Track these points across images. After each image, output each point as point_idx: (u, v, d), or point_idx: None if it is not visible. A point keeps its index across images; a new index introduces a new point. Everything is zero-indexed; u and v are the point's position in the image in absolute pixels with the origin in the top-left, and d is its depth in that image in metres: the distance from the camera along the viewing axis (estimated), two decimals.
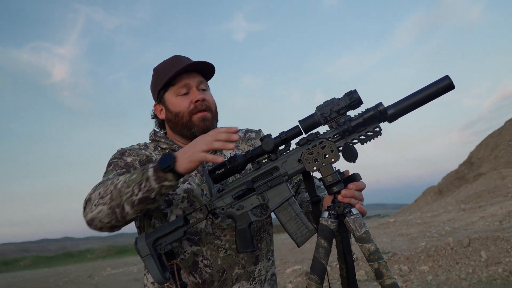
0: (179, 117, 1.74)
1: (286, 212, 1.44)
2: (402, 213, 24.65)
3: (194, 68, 1.76)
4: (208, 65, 1.76)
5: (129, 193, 1.42)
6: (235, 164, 1.45)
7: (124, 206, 1.43)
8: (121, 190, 1.43)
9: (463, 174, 29.12)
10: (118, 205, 1.43)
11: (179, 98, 1.74)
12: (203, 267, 1.63)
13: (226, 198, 1.49)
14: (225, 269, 1.64)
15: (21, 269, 36.99)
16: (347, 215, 1.36)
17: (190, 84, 1.74)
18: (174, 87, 1.75)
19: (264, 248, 1.76)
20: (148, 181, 1.40)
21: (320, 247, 1.35)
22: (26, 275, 23.74)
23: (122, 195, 1.42)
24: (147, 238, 1.49)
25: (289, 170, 1.44)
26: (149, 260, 1.48)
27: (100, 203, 1.45)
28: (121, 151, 1.76)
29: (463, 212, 14.75)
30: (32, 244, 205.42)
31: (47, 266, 35.90)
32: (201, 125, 1.73)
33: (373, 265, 1.32)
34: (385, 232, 13.66)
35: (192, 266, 1.63)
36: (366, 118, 1.35)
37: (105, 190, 1.46)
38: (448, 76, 1.32)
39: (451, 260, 7.63)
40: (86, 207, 1.50)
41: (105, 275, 16.35)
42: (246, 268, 1.68)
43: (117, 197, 1.43)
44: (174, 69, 1.72)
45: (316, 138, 1.41)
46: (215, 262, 1.63)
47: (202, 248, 1.64)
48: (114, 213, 1.44)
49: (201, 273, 1.63)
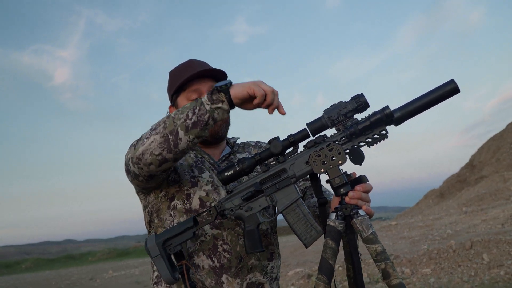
0: None
1: (294, 213, 1.47)
2: (404, 216, 24.65)
3: (206, 74, 1.78)
4: (219, 72, 1.79)
5: (183, 118, 1.42)
6: (243, 166, 1.48)
7: (178, 132, 1.42)
8: (175, 117, 1.43)
9: (464, 177, 29.13)
10: (172, 132, 1.42)
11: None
12: (222, 251, 1.65)
13: (234, 199, 1.52)
14: (243, 257, 1.67)
15: (23, 272, 36.98)
16: (354, 216, 1.39)
17: (201, 89, 1.76)
18: (185, 92, 1.78)
19: (275, 250, 1.80)
20: (202, 105, 1.42)
21: (328, 248, 1.37)
22: (27, 277, 23.74)
23: (176, 121, 1.43)
24: (157, 239, 1.51)
25: (297, 172, 1.46)
26: (159, 261, 1.50)
27: (153, 134, 1.45)
28: None
29: (465, 215, 14.75)
30: (33, 247, 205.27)
31: (48, 269, 35.88)
32: (212, 130, 1.75)
33: (380, 265, 1.34)
34: (387, 235, 13.68)
35: (211, 249, 1.65)
36: (373, 121, 1.37)
37: (158, 123, 1.47)
38: (454, 80, 1.34)
39: (453, 262, 7.64)
40: (136, 145, 1.49)
41: (107, 278, 16.37)
42: (261, 261, 1.71)
43: (170, 124, 1.43)
44: (185, 74, 1.75)
45: (323, 140, 1.44)
46: (234, 248, 1.66)
47: (223, 232, 1.67)
48: (167, 141, 1.42)
49: (219, 257, 1.65)
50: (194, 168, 1.74)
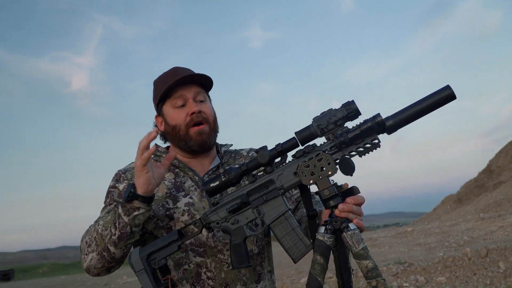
0: (176, 130, 1.72)
1: (282, 226, 1.40)
2: (421, 222, 24.36)
3: (191, 80, 1.73)
4: (204, 77, 1.74)
5: (109, 235, 1.50)
6: (230, 176, 1.42)
7: (108, 248, 1.51)
8: (102, 234, 1.51)
9: (482, 182, 28.72)
10: (104, 249, 1.51)
11: (175, 110, 1.72)
12: (205, 279, 1.61)
13: (220, 211, 1.45)
14: (228, 283, 1.62)
15: (39, 276, 37.34)
16: (344, 230, 1.31)
17: (186, 95, 1.72)
18: (170, 99, 1.73)
19: (267, 267, 1.73)
20: (120, 217, 1.48)
21: (316, 264, 1.30)
22: (43, 282, 23.94)
23: (104, 238, 1.51)
24: (141, 253, 1.45)
25: (285, 183, 1.39)
26: (142, 275, 1.44)
27: (89, 251, 1.54)
28: (117, 176, 1.77)
29: (482, 221, 14.51)
30: (52, 251, 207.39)
31: (65, 274, 36.19)
32: (198, 139, 1.71)
33: (371, 282, 1.27)
34: (402, 242, 13.50)
35: (195, 277, 1.62)
36: (364, 129, 1.30)
37: (90, 238, 1.55)
38: (449, 86, 1.27)
39: (469, 271, 7.48)
40: (81, 257, 1.59)
41: (121, 284, 16.40)
42: (247, 285, 1.65)
43: (100, 242, 1.52)
44: (169, 81, 1.70)
45: (312, 150, 1.37)
46: (218, 275, 1.62)
47: (207, 259, 1.63)
48: (103, 257, 1.52)
49: (203, 285, 1.61)
50: (169, 199, 1.69)
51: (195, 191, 1.70)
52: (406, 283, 7.64)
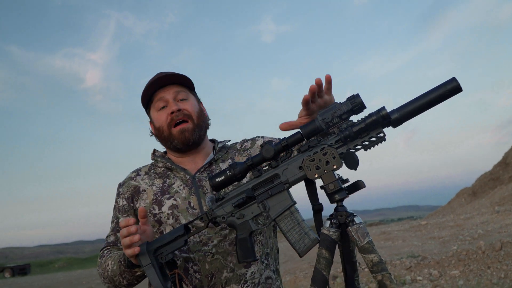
0: (160, 131, 1.80)
1: (287, 221, 1.40)
2: (435, 216, 24.19)
3: (170, 81, 1.79)
4: (181, 76, 1.79)
5: (118, 281, 1.66)
6: (235, 171, 1.42)
7: (121, 285, 1.67)
8: (113, 279, 1.67)
9: (497, 175, 28.40)
10: (117, 285, 1.69)
11: (158, 112, 1.80)
12: (192, 272, 1.67)
13: (226, 206, 1.46)
14: (213, 273, 1.66)
15: (55, 271, 37.73)
16: (350, 224, 1.31)
17: (166, 97, 1.78)
18: (153, 103, 1.82)
19: (259, 250, 1.75)
20: (125, 273, 1.61)
21: (321, 258, 1.30)
22: (59, 277, 24.20)
23: (115, 282, 1.67)
24: (148, 248, 1.47)
25: (290, 178, 1.39)
26: (150, 270, 1.46)
27: (106, 281, 1.72)
28: (117, 189, 1.89)
29: (497, 214, 14.38)
30: (68, 246, 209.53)
31: (80, 268, 36.55)
32: (181, 138, 1.76)
33: (376, 276, 1.26)
34: (416, 235, 13.41)
35: (184, 272, 1.67)
36: (369, 123, 1.29)
37: (103, 274, 1.72)
38: (455, 78, 1.25)
39: (483, 264, 7.42)
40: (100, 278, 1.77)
41: None
42: (235, 271, 1.68)
43: (112, 282, 1.68)
44: (149, 87, 1.78)
45: (317, 144, 1.37)
46: (203, 267, 1.66)
47: (191, 255, 1.68)
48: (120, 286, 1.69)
49: (191, 279, 1.67)
50: (155, 205, 1.76)
51: (184, 190, 1.75)
52: (420, 277, 7.60)
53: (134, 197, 1.80)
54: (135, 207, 1.80)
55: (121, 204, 1.82)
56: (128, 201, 1.81)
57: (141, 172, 1.88)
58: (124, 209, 1.81)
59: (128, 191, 1.82)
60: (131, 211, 1.80)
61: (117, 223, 1.81)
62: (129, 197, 1.81)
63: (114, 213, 1.85)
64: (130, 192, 1.81)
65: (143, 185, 1.82)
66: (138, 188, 1.82)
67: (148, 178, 1.84)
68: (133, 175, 1.88)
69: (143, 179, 1.84)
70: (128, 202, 1.81)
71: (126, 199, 1.81)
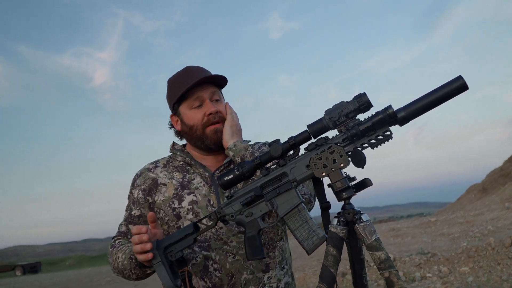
0: (193, 130, 1.79)
1: (295, 218, 1.41)
2: (445, 212, 24.06)
3: (206, 80, 1.78)
4: (219, 77, 1.79)
5: (128, 274, 1.69)
6: (243, 170, 1.44)
7: (131, 278, 1.71)
8: (123, 272, 1.70)
9: (508, 171, 28.18)
10: (127, 278, 1.72)
11: (192, 111, 1.78)
12: (213, 271, 1.67)
13: (235, 204, 1.48)
14: (234, 273, 1.67)
15: (66, 269, 37.92)
16: (357, 222, 1.32)
17: (203, 96, 1.78)
18: (188, 101, 1.79)
19: (278, 256, 1.76)
20: (135, 269, 1.64)
21: (329, 255, 1.32)
22: (70, 274, 24.34)
23: (125, 275, 1.71)
24: (158, 246, 1.49)
25: (297, 176, 1.41)
26: (160, 268, 1.48)
27: (115, 271, 1.75)
28: (134, 179, 1.89)
29: (507, 211, 14.28)
30: (78, 244, 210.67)
31: (91, 266, 36.72)
32: (214, 137, 1.78)
33: (383, 273, 1.28)
34: (425, 232, 13.36)
35: (203, 270, 1.68)
36: (375, 122, 1.30)
37: (113, 263, 1.74)
38: (461, 76, 1.26)
39: (492, 261, 7.39)
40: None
41: None
42: (255, 273, 1.69)
43: (122, 274, 1.72)
44: (185, 83, 1.75)
45: (325, 143, 1.38)
46: (224, 266, 1.67)
47: (212, 253, 1.68)
48: (129, 279, 1.73)
49: (211, 277, 1.67)
50: (175, 199, 1.76)
51: (204, 187, 1.75)
52: (429, 274, 7.58)
53: (152, 190, 1.80)
54: (152, 200, 1.79)
55: (136, 196, 1.82)
56: (144, 193, 1.81)
57: (160, 164, 1.87)
58: (138, 201, 1.81)
59: (145, 182, 1.83)
60: (146, 204, 1.79)
61: (130, 213, 1.82)
62: (145, 189, 1.81)
63: (129, 203, 1.85)
64: (148, 184, 1.82)
65: (162, 178, 1.81)
66: (156, 181, 1.81)
67: (166, 171, 1.83)
68: (151, 166, 1.87)
69: (162, 171, 1.84)
70: (144, 194, 1.81)
71: (143, 191, 1.81)
